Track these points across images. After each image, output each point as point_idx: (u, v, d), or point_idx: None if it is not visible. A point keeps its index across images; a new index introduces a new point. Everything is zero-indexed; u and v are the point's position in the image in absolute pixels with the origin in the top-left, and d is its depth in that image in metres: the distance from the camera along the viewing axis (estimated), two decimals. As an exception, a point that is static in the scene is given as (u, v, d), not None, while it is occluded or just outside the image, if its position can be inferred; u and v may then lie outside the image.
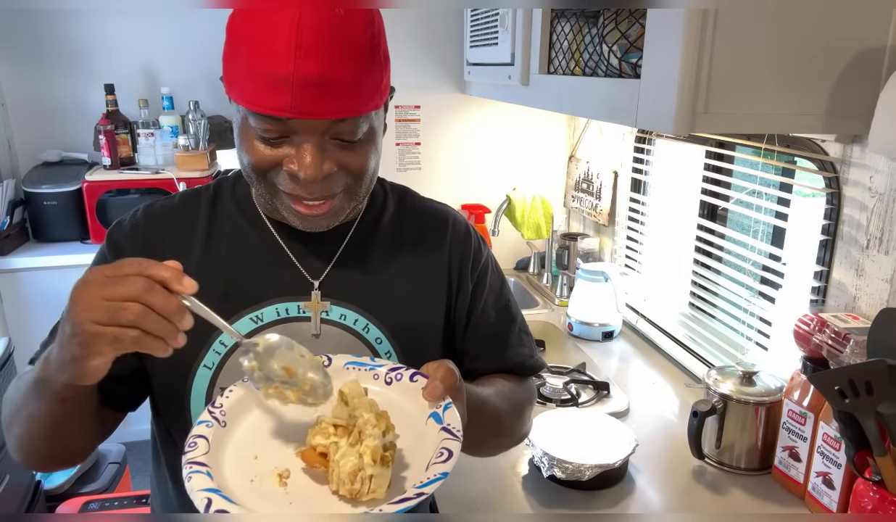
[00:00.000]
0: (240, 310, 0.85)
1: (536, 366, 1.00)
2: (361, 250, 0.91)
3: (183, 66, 2.73)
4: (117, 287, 0.61)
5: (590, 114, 1.30)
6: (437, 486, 0.61)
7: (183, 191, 0.94)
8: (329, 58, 0.70)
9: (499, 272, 1.01)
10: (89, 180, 2.44)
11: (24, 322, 2.40)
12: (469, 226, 0.99)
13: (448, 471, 0.62)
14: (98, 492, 2.11)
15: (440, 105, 2.28)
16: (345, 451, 0.64)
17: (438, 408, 0.69)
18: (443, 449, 0.64)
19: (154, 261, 0.63)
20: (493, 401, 0.89)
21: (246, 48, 0.72)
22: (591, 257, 2.10)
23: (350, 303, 0.88)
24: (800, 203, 1.37)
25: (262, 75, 0.71)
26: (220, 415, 0.71)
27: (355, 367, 0.78)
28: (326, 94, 0.71)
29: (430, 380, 0.72)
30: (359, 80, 0.73)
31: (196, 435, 0.68)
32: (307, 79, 0.70)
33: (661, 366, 1.73)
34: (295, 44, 0.69)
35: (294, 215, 0.81)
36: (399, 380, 0.75)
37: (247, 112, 0.75)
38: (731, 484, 1.23)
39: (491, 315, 0.97)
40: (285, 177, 0.77)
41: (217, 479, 0.63)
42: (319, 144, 0.75)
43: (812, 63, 0.98)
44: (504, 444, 0.99)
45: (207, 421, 0.70)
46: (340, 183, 0.79)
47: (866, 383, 0.88)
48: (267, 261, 0.88)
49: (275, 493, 0.65)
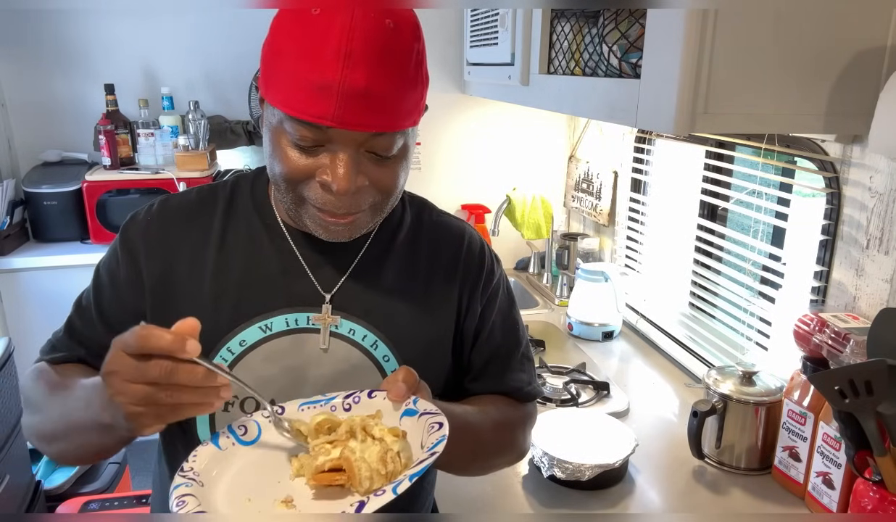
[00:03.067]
0: (250, 318, 0.84)
1: (532, 394, 0.99)
2: (375, 265, 0.89)
3: (183, 66, 2.73)
4: (146, 373, 0.61)
5: (590, 114, 1.30)
6: (443, 446, 0.63)
7: (200, 188, 0.92)
8: (377, 70, 0.69)
9: (509, 293, 0.99)
10: (89, 180, 2.44)
11: (24, 322, 2.40)
12: (484, 244, 0.97)
13: (447, 435, 0.63)
14: (98, 492, 2.11)
15: (440, 105, 2.28)
16: (362, 448, 0.64)
17: (408, 405, 0.70)
18: (432, 424, 0.66)
19: (162, 335, 0.61)
20: (472, 417, 0.87)
21: (292, 52, 0.70)
22: (591, 257, 2.10)
23: (360, 319, 0.87)
24: (800, 203, 1.37)
25: (307, 81, 0.69)
26: (195, 476, 0.68)
27: (310, 406, 0.77)
28: (370, 107, 0.70)
29: (392, 383, 0.72)
30: (402, 95, 0.72)
31: (180, 496, 0.64)
32: (354, 89, 0.68)
33: (661, 366, 1.73)
34: (345, 52, 0.67)
35: (319, 226, 0.79)
36: (357, 402, 0.76)
37: (284, 117, 0.73)
38: (731, 484, 1.23)
39: (497, 337, 0.96)
40: (316, 188, 0.76)
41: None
42: (354, 157, 0.73)
43: (812, 63, 0.98)
44: (495, 464, 0.97)
45: (185, 482, 0.66)
46: (368, 199, 0.78)
47: (866, 383, 0.88)
48: (280, 269, 0.87)
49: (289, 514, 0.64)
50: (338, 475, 0.65)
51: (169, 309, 0.84)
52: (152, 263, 0.85)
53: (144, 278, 0.85)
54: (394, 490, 0.59)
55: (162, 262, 0.86)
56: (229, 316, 0.84)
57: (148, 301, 0.85)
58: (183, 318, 0.84)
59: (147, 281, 0.85)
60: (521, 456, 1.00)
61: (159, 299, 0.85)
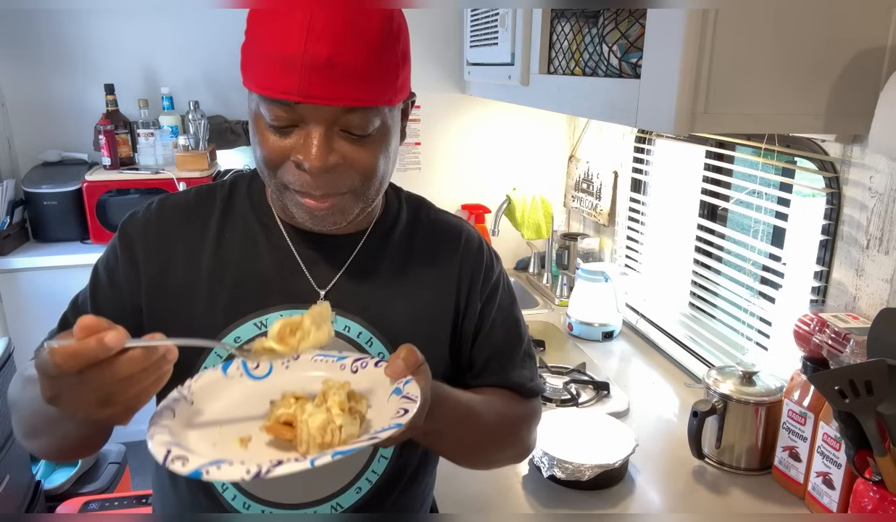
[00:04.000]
0: (245, 315, 0.85)
1: (535, 390, 0.99)
2: (371, 262, 0.90)
3: (183, 66, 2.73)
4: (89, 384, 0.59)
5: (590, 114, 1.30)
6: (389, 434, 0.63)
7: (198, 187, 0.93)
8: (340, 41, 0.69)
9: (510, 290, 0.99)
10: (89, 180, 2.43)
11: (24, 322, 2.40)
12: (482, 241, 0.97)
13: (402, 423, 0.64)
14: (98, 492, 2.11)
15: (440, 105, 2.28)
16: (312, 411, 0.66)
17: (400, 384, 0.71)
18: (400, 409, 0.66)
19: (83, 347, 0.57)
20: (477, 405, 0.87)
21: (260, 32, 0.72)
22: (591, 257, 2.10)
23: (355, 315, 0.87)
24: (800, 203, 1.37)
25: (273, 57, 0.70)
26: (188, 393, 0.73)
27: (324, 359, 0.79)
28: (335, 79, 0.70)
29: (393, 359, 0.72)
30: (370, 69, 0.72)
31: (164, 406, 0.69)
32: (316, 60, 0.69)
33: (661, 366, 1.73)
34: (308, 25, 0.68)
35: (303, 212, 0.79)
36: (364, 367, 0.77)
37: (259, 100, 0.74)
38: (731, 484, 1.23)
39: (498, 334, 0.95)
40: (293, 169, 0.76)
41: (179, 439, 0.65)
42: (327, 134, 0.73)
43: (812, 63, 0.98)
44: (498, 457, 0.97)
45: (175, 397, 0.72)
46: (346, 182, 0.77)
47: (866, 383, 0.88)
48: (275, 266, 0.87)
49: (234, 452, 0.66)
50: (287, 430, 0.67)
51: (165, 306, 0.85)
52: (150, 261, 0.86)
53: (142, 276, 0.86)
54: (311, 462, 0.59)
55: (159, 261, 0.86)
56: (224, 314, 0.85)
57: (145, 298, 0.86)
58: (178, 316, 0.84)
59: (145, 279, 0.86)
60: (527, 453, 1.00)
61: (157, 297, 0.85)
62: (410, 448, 0.92)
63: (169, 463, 0.59)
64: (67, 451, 0.84)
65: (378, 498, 0.90)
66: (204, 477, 0.58)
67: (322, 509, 0.87)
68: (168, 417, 0.67)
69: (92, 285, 0.89)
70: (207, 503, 0.88)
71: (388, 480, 0.90)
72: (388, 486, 0.90)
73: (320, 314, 0.73)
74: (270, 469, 0.58)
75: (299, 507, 0.87)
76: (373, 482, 0.89)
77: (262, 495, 0.86)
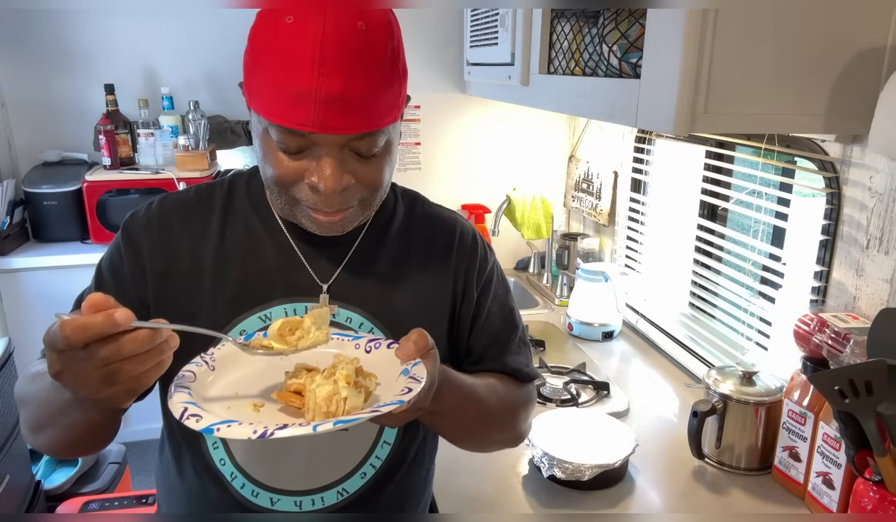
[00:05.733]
0: (249, 308, 0.87)
1: (532, 375, 1.02)
2: (370, 255, 0.92)
3: (183, 66, 2.73)
4: (93, 360, 0.60)
5: (590, 114, 1.30)
6: (391, 409, 0.65)
7: (198, 186, 0.95)
8: (351, 74, 0.71)
9: (503, 280, 1.02)
10: (89, 180, 2.44)
11: (24, 322, 2.40)
12: (476, 233, 1.00)
13: (404, 401, 0.66)
14: (98, 492, 2.11)
15: (440, 105, 2.28)
16: (320, 382, 0.70)
17: (409, 365, 0.74)
18: (404, 388, 0.70)
19: (92, 321, 0.59)
20: (479, 389, 0.90)
21: (269, 61, 0.73)
22: (591, 257, 2.10)
23: (357, 307, 0.89)
24: (800, 203, 1.37)
25: (285, 89, 0.71)
26: (210, 360, 0.77)
27: (339, 338, 0.83)
28: (348, 110, 0.72)
29: (404, 341, 0.75)
30: (379, 95, 0.74)
31: (186, 370, 0.74)
32: (330, 95, 0.71)
33: (661, 366, 1.73)
34: (319, 60, 0.70)
35: (313, 223, 0.83)
36: (377, 348, 0.81)
37: (268, 124, 0.76)
38: (731, 484, 1.23)
39: (495, 322, 0.98)
40: (306, 189, 0.79)
41: (196, 400, 0.69)
42: (339, 157, 0.76)
43: (812, 63, 0.98)
44: (496, 439, 1.00)
45: (198, 362, 0.76)
46: (356, 196, 0.81)
47: (866, 383, 0.88)
48: (277, 262, 0.89)
49: (246, 416, 0.70)
50: (296, 398, 0.71)
51: (171, 302, 0.87)
52: (154, 258, 0.87)
53: (148, 273, 0.87)
54: (314, 428, 0.62)
55: (163, 258, 0.88)
56: (229, 308, 0.87)
57: (152, 295, 0.87)
58: (183, 311, 0.85)
59: (150, 275, 0.87)
60: (521, 438, 1.02)
61: (162, 293, 0.87)
62: (412, 434, 0.94)
63: (185, 419, 0.64)
64: (75, 444, 0.84)
65: (382, 483, 0.92)
66: (215, 434, 0.62)
67: (328, 495, 0.89)
68: (189, 380, 0.72)
69: (96, 283, 0.90)
70: (217, 491, 0.89)
71: (391, 465, 0.92)
72: (391, 471, 0.93)
73: (321, 315, 0.76)
74: (275, 431, 0.61)
75: (306, 493, 0.89)
76: (377, 467, 0.91)
77: (269, 482, 0.88)
